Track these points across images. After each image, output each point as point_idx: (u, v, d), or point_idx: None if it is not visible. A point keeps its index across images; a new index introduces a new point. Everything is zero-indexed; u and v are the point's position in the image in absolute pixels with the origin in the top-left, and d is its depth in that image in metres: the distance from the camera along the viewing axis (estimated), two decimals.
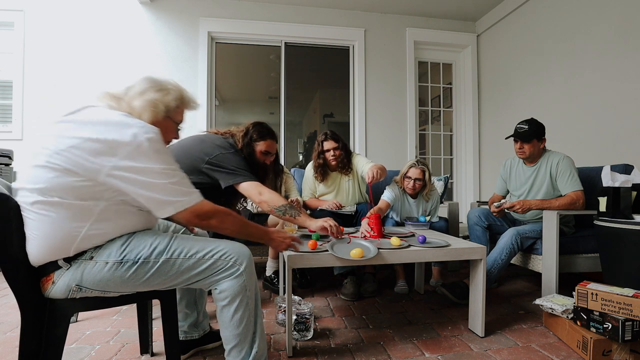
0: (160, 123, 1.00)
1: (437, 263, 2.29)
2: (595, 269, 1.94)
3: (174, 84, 1.07)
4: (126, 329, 1.59)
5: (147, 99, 0.98)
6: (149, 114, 0.98)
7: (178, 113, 1.08)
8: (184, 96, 1.08)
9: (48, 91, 3.11)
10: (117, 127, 0.86)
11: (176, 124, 1.09)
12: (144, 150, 0.86)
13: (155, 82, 1.03)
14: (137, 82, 1.02)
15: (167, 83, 1.05)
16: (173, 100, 1.04)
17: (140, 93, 0.99)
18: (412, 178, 2.23)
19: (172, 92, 1.04)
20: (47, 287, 0.89)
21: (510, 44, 3.44)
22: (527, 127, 2.03)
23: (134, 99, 0.98)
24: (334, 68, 3.81)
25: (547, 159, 2.08)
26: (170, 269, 0.95)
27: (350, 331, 1.58)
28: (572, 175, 1.98)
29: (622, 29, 2.36)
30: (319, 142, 2.35)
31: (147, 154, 0.86)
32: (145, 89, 1.00)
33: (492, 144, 3.75)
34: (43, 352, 0.89)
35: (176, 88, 1.06)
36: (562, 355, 1.37)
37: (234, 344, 1.02)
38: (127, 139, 0.85)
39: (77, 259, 0.89)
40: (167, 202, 0.90)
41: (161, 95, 1.01)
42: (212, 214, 0.99)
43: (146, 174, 0.87)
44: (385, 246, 1.49)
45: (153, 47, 3.30)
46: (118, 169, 0.84)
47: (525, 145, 2.05)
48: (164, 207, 0.91)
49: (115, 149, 0.84)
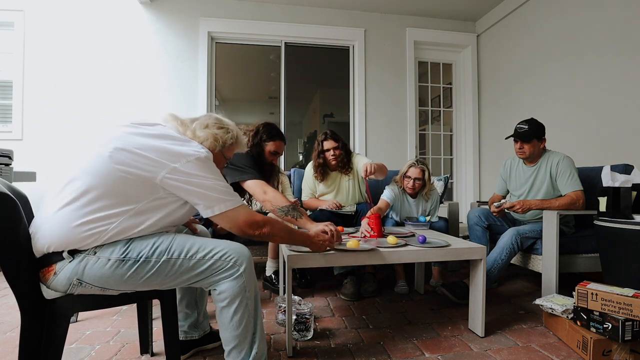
0: (216, 155, 1.13)
1: (436, 263, 2.29)
2: (595, 269, 1.94)
3: (234, 126, 1.21)
4: (126, 329, 1.59)
5: (211, 132, 1.12)
6: (209, 144, 1.10)
7: (230, 151, 1.22)
8: (239, 138, 1.22)
9: (48, 91, 3.11)
10: (181, 142, 1.01)
11: (225, 160, 1.23)
12: (201, 162, 0.98)
13: (219, 120, 1.18)
14: (204, 116, 1.18)
15: (229, 124, 1.20)
16: (230, 139, 1.17)
17: (205, 126, 1.13)
18: (411, 177, 2.23)
19: (232, 132, 1.18)
20: (49, 277, 0.90)
21: (510, 44, 3.44)
22: (527, 127, 2.02)
23: (198, 130, 1.11)
24: (334, 68, 3.81)
25: (547, 159, 2.08)
26: (171, 269, 0.95)
27: (350, 331, 1.58)
28: (572, 175, 1.98)
29: (622, 29, 2.36)
30: (319, 141, 2.36)
31: (203, 167, 0.99)
32: (210, 124, 1.14)
33: (492, 144, 3.75)
34: (43, 352, 0.89)
35: (235, 130, 1.21)
36: (562, 355, 1.37)
37: (233, 345, 1.02)
38: (189, 152, 0.98)
39: (81, 253, 0.91)
40: (218, 199, 1.00)
41: (222, 132, 1.15)
42: (264, 223, 1.09)
43: (200, 178, 0.97)
44: (385, 245, 1.50)
45: (153, 47, 3.30)
46: (177, 172, 0.95)
47: (525, 145, 2.05)
48: (216, 204, 1.00)
49: (178, 158, 0.96)
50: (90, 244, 0.90)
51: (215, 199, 1.00)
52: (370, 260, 1.42)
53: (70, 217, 0.88)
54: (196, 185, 0.97)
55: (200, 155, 0.98)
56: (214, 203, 1.00)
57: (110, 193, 0.91)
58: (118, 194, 0.92)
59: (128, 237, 0.94)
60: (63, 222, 0.88)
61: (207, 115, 1.20)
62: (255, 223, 1.07)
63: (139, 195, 0.94)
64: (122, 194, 0.92)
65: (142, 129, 1.01)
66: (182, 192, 0.97)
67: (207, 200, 0.99)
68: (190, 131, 1.11)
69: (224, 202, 1.01)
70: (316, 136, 2.51)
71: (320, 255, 1.37)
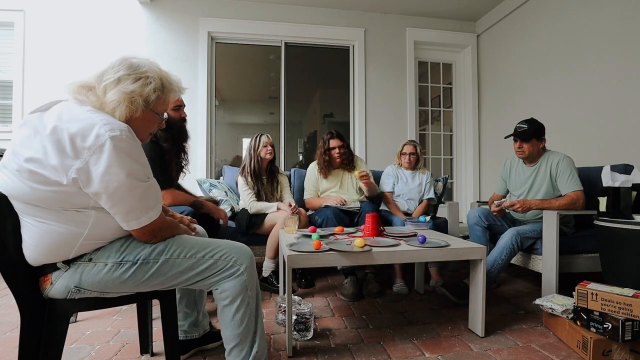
0: (139, 118, 0.92)
1: (433, 264, 2.30)
2: (595, 269, 1.94)
3: (154, 70, 0.94)
4: (126, 329, 1.59)
5: (124, 92, 0.87)
6: (123, 109, 0.87)
7: (159, 103, 0.97)
8: (166, 84, 0.96)
9: (48, 91, 3.11)
10: (80, 129, 0.79)
11: (160, 117, 0.99)
12: (107, 151, 0.78)
13: (133, 67, 0.90)
14: (113, 66, 0.90)
15: (147, 69, 0.92)
16: (152, 91, 0.92)
17: (115, 82, 0.87)
18: (407, 153, 2.59)
19: (152, 80, 0.92)
20: (46, 287, 0.89)
21: (510, 44, 3.44)
22: (527, 127, 2.03)
23: (108, 89, 0.87)
24: (334, 68, 3.81)
25: (547, 159, 2.08)
26: (170, 269, 0.94)
27: (350, 331, 1.58)
28: (572, 175, 1.98)
29: (622, 29, 2.36)
30: (325, 140, 2.51)
31: (110, 158, 0.78)
32: (122, 77, 0.88)
33: (492, 144, 3.75)
34: (43, 352, 0.89)
35: (156, 74, 0.94)
36: (562, 355, 1.37)
37: (234, 344, 1.02)
38: (89, 142, 0.78)
39: (76, 261, 0.89)
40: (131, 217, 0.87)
41: (139, 86, 0.89)
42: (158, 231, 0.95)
43: (109, 182, 0.80)
44: (381, 244, 1.51)
45: (153, 47, 3.30)
46: (81, 173, 0.78)
47: (524, 144, 2.05)
48: (127, 222, 0.87)
49: (79, 152, 0.78)
50: (79, 253, 0.87)
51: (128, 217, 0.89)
52: (370, 260, 1.43)
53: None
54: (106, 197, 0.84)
55: (103, 142, 0.78)
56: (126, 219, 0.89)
57: (54, 212, 0.82)
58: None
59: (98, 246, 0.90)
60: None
61: (117, 61, 0.91)
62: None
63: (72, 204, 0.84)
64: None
65: (32, 128, 0.81)
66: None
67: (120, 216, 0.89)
68: (97, 96, 0.87)
69: (137, 219, 0.89)
70: (316, 136, 2.55)
71: (321, 256, 1.37)
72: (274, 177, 2.47)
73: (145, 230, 0.91)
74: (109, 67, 0.90)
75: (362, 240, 1.47)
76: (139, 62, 0.93)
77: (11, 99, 3.12)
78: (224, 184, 2.67)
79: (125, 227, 0.89)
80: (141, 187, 0.86)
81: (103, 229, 0.89)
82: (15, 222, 0.84)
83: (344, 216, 2.26)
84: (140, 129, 0.95)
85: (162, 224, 0.96)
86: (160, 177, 1.62)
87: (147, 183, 0.89)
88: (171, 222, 1.03)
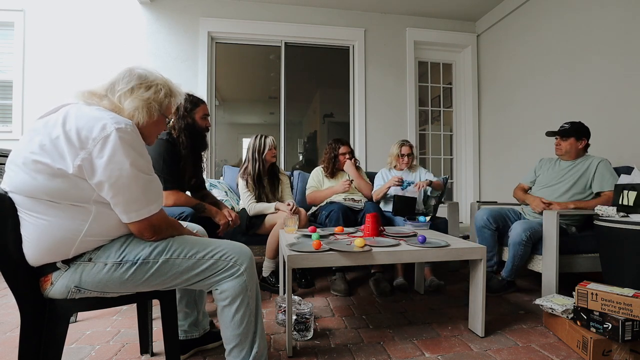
0: (154, 122, 1.00)
1: (427, 263, 2.31)
2: (595, 269, 1.94)
3: (161, 78, 1.02)
4: (126, 329, 1.59)
5: (140, 99, 0.94)
6: (144, 114, 0.94)
7: (169, 108, 1.05)
8: (172, 90, 1.04)
9: (48, 91, 3.11)
10: (87, 122, 0.82)
11: (166, 118, 1.06)
12: (112, 141, 0.81)
13: (142, 77, 0.97)
14: (121, 77, 0.96)
15: (154, 77, 1.00)
16: (164, 97, 1.00)
17: (129, 91, 0.94)
18: (405, 154, 2.65)
19: (162, 87, 0.99)
20: (46, 287, 0.89)
21: (510, 44, 3.44)
22: (569, 126, 2.11)
23: (123, 99, 0.93)
24: (334, 68, 3.81)
25: (588, 160, 2.10)
26: (170, 269, 0.94)
27: (350, 331, 1.58)
28: (612, 175, 1.99)
29: (622, 29, 2.36)
30: (333, 146, 2.67)
31: (114, 147, 0.81)
32: (135, 87, 0.94)
33: (492, 144, 3.75)
34: (43, 352, 0.89)
35: (164, 82, 1.02)
36: (562, 355, 1.37)
37: (234, 344, 1.02)
38: (95, 134, 0.81)
39: (76, 261, 0.89)
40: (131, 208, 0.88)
41: (153, 92, 0.97)
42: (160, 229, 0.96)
43: (112, 170, 0.82)
44: (381, 244, 1.50)
45: (153, 47, 3.30)
46: (86, 162, 0.80)
47: (562, 142, 2.13)
48: (127, 213, 0.88)
49: (85, 143, 0.80)
50: (78, 251, 0.88)
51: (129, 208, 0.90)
52: (370, 260, 1.43)
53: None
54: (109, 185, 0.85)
55: (108, 134, 0.82)
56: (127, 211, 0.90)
57: (58, 205, 0.84)
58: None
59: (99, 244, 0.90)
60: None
61: (124, 73, 0.96)
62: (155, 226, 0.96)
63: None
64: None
65: (42, 126, 0.84)
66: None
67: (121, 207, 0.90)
68: (111, 102, 0.92)
69: (137, 210, 0.91)
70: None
71: (322, 256, 1.37)
72: (275, 177, 2.47)
73: (145, 225, 0.91)
74: (118, 79, 0.96)
75: (362, 240, 1.47)
76: (145, 72, 0.99)
77: (11, 99, 3.12)
78: (224, 184, 2.67)
79: (125, 219, 0.89)
80: (144, 178, 0.88)
81: (103, 225, 0.89)
82: (15, 222, 0.84)
83: (349, 214, 2.31)
84: (153, 133, 1.03)
85: (163, 221, 0.97)
86: (169, 177, 1.63)
87: (149, 176, 0.91)
88: (172, 221, 1.03)
